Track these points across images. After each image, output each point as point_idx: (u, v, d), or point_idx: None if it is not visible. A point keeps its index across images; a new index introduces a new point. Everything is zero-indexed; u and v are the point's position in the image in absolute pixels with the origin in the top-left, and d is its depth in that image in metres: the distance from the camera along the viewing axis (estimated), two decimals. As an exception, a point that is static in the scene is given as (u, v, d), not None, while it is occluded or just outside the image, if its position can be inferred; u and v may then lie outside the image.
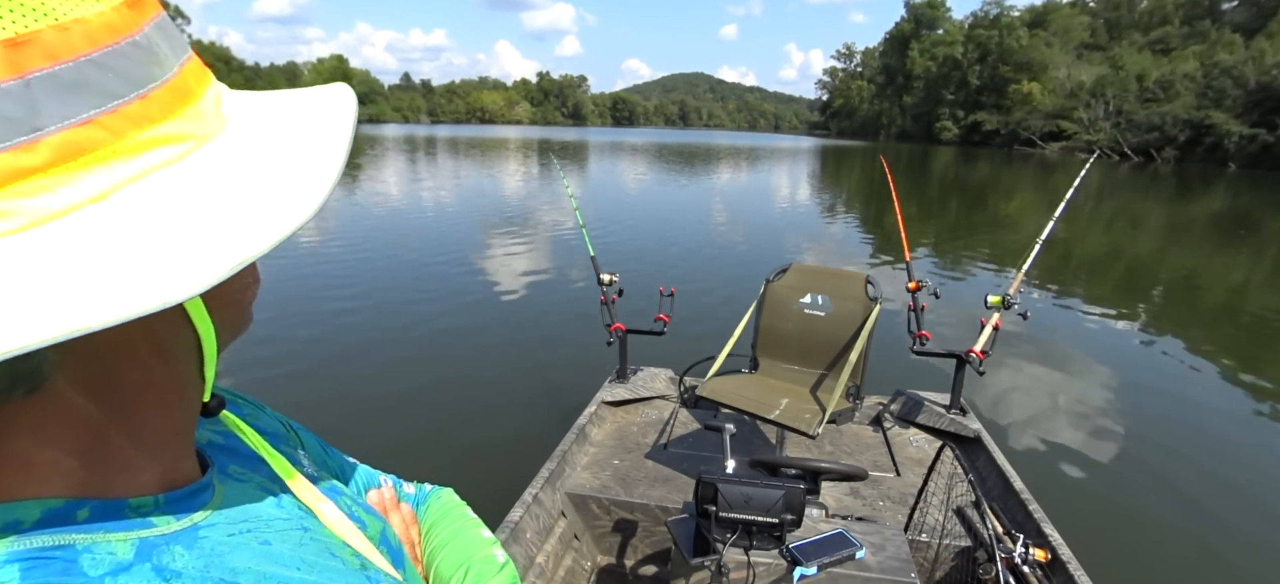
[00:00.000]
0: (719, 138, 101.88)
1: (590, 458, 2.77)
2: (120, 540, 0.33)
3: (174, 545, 0.34)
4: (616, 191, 18.63)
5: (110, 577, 0.31)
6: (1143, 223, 15.54)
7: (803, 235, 11.92)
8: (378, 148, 35.99)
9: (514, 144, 47.81)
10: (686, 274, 8.08)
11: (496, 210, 13.39)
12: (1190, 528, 3.35)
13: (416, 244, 9.70)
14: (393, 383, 4.70)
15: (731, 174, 25.89)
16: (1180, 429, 4.47)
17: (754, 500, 1.45)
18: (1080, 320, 7.06)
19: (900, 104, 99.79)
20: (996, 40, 75.56)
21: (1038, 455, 3.93)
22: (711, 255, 9.47)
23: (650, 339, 3.22)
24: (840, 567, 1.52)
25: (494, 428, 4.11)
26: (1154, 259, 11.07)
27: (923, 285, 3.00)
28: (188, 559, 0.34)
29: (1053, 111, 61.48)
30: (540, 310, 6.58)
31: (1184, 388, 5.29)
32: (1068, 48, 70.56)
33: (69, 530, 0.32)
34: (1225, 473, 3.87)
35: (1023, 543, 1.87)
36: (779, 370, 3.00)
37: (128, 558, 0.32)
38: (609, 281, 3.21)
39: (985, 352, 2.85)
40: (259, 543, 0.39)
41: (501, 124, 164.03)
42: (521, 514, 2.14)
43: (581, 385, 3.78)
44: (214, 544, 0.36)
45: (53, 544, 0.31)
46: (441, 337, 5.75)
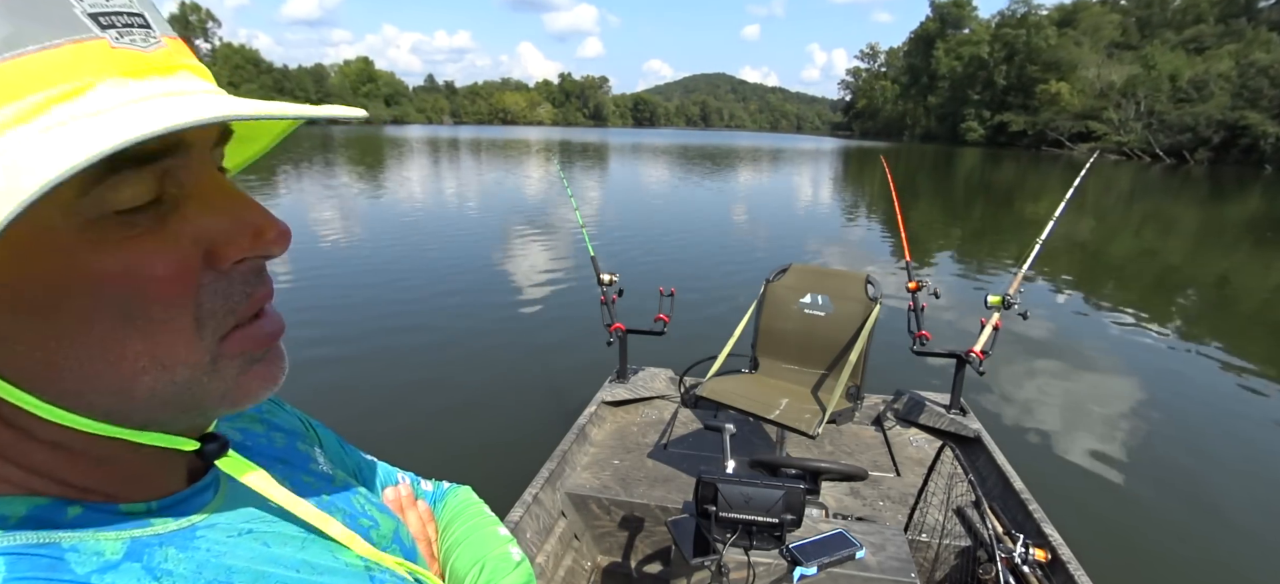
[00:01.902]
0: (740, 139, 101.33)
1: (590, 458, 2.78)
2: (110, 540, 0.32)
3: (167, 546, 0.34)
4: (629, 193, 18.62)
5: (97, 574, 0.30)
6: (1173, 225, 15.19)
7: (820, 237, 11.82)
8: (402, 149, 36.39)
9: (533, 145, 48.04)
10: (696, 275, 8.05)
11: (501, 210, 13.43)
12: (1190, 528, 3.34)
13: (418, 244, 9.71)
14: (392, 381, 4.73)
15: (750, 175, 25.74)
16: (1181, 429, 4.45)
17: (754, 500, 1.45)
18: (1087, 320, 6.99)
19: (925, 104, 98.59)
20: (1024, 39, 74.40)
21: (1038, 455, 3.90)
22: (726, 257, 9.45)
23: (650, 339, 3.22)
24: (840, 567, 1.52)
25: (494, 428, 4.12)
26: (1181, 261, 10.84)
27: (923, 285, 3.00)
28: (180, 560, 0.33)
29: (1082, 112, 60.36)
30: (540, 310, 6.59)
31: (1189, 388, 5.24)
32: (1098, 47, 69.22)
33: (55, 530, 0.31)
34: (1226, 473, 3.86)
35: (1023, 543, 1.86)
36: (779, 370, 2.99)
37: (116, 557, 0.31)
38: (609, 281, 3.22)
39: (985, 352, 2.85)
40: (260, 544, 0.38)
41: (523, 125, 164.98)
42: (521, 514, 2.15)
43: (581, 385, 3.79)
44: (211, 545, 0.35)
45: (38, 542, 0.30)
46: (441, 336, 5.75)
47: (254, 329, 0.35)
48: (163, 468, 0.37)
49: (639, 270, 7.92)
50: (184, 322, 0.31)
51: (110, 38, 0.28)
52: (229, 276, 0.33)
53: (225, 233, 0.32)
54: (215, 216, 0.32)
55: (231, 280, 0.33)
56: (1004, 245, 11.31)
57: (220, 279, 0.33)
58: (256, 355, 0.35)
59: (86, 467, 0.33)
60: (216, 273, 0.32)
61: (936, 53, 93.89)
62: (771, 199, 17.89)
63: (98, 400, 0.31)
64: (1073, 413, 4.58)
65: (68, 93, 0.26)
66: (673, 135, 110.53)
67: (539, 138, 68.58)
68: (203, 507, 0.37)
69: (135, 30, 0.29)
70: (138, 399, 0.32)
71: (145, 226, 0.30)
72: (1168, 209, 18.97)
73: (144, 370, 0.31)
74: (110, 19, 0.28)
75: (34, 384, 0.29)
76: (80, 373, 0.30)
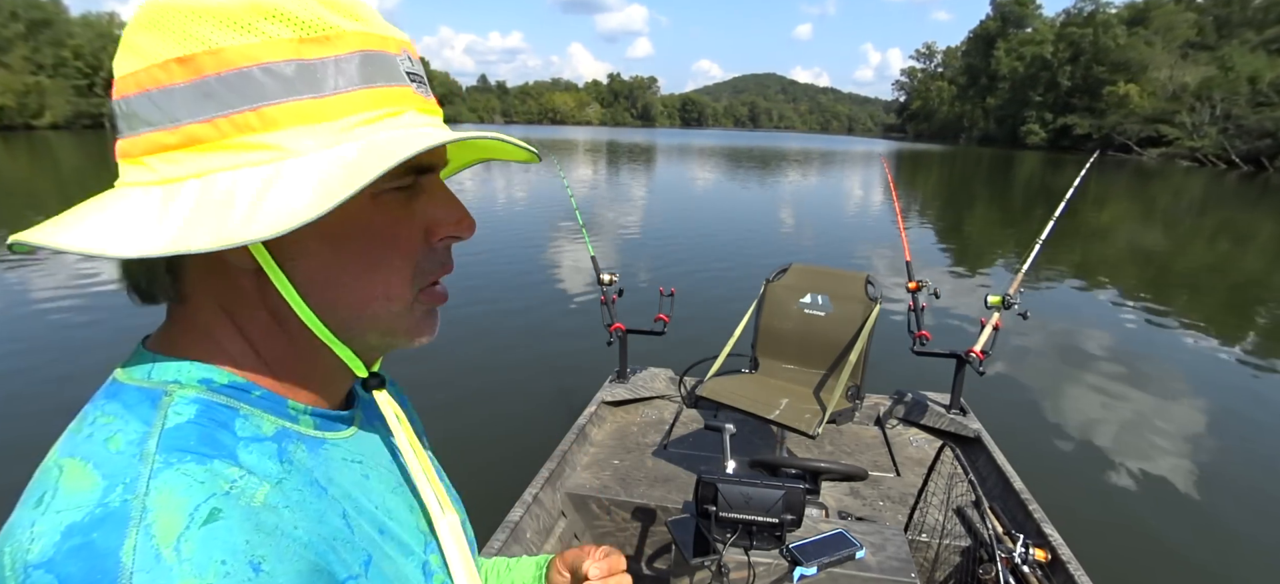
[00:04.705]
0: (788, 140, 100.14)
1: (590, 458, 2.79)
2: (269, 421, 0.44)
3: (300, 443, 0.45)
4: (667, 194, 18.57)
5: (249, 440, 0.42)
6: (1250, 237, 14.29)
7: (869, 241, 11.54)
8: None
9: (581, 145, 48.31)
10: (736, 278, 7.96)
11: (501, 210, 13.53)
12: (1191, 528, 3.34)
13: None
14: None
15: (796, 178, 25.33)
16: (1182, 429, 4.42)
17: (754, 500, 1.45)
18: (1087, 322, 6.93)
19: (983, 106, 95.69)
20: (1091, 39, 71.43)
21: (1038, 455, 3.87)
22: (754, 260, 9.31)
23: (650, 339, 3.23)
24: (840, 567, 1.52)
25: (494, 427, 4.13)
26: (1247, 270, 10.25)
27: (923, 285, 3.01)
28: (305, 456, 0.45)
29: (1152, 115, 57.46)
30: (540, 310, 6.63)
31: (1190, 389, 5.20)
32: (1171, 47, 65.83)
33: (240, 398, 0.44)
34: (1227, 474, 3.85)
35: (1023, 543, 1.86)
36: (779, 370, 2.99)
37: (267, 433, 0.43)
38: (609, 281, 3.23)
39: (985, 352, 2.84)
40: (361, 474, 0.49)
41: (572, 125, 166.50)
42: (521, 514, 2.15)
43: (581, 385, 3.82)
44: (328, 458, 0.47)
45: (225, 403, 0.43)
46: (440, 336, 5.75)
47: (438, 290, 0.50)
48: (334, 384, 0.50)
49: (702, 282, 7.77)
50: (408, 272, 0.46)
51: (414, 87, 0.45)
52: (434, 248, 0.48)
53: (440, 219, 0.47)
54: (436, 207, 0.47)
55: (436, 251, 0.48)
56: (1064, 253, 10.87)
57: (430, 249, 0.48)
58: (433, 309, 0.50)
59: (297, 361, 0.47)
60: (428, 245, 0.47)
61: (997, 52, 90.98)
62: (842, 205, 17.54)
63: (340, 313, 0.45)
64: (1072, 413, 4.59)
65: (393, 112, 0.43)
66: (719, 136, 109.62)
67: (586, 139, 68.97)
68: (337, 430, 0.50)
69: (423, 85, 0.46)
70: (365, 318, 0.46)
71: (402, 203, 0.45)
72: (1240, 218, 17.90)
73: (376, 297, 0.45)
74: (415, 77, 0.45)
75: (307, 290, 0.43)
76: (338, 290, 0.44)
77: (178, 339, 0.45)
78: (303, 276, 0.43)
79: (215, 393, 0.43)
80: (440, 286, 0.50)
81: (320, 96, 0.40)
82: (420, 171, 0.46)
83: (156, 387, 0.42)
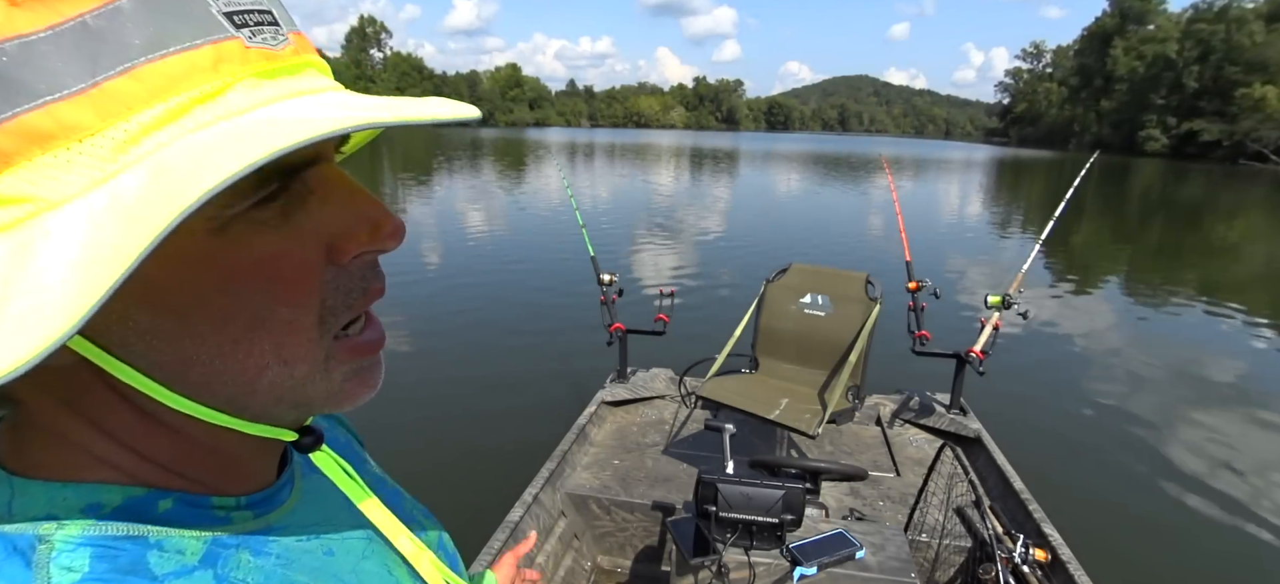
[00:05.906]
0: (879, 145, 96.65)
1: (590, 458, 2.82)
2: (192, 539, 0.32)
3: (242, 550, 0.34)
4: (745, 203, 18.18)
5: (174, 577, 0.30)
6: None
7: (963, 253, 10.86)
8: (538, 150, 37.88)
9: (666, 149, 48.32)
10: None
11: (502, 211, 13.56)
12: (1191, 528, 3.34)
13: (421, 244, 9.65)
14: (390, 381, 4.79)
15: (866, 187, 24.35)
16: (1182, 430, 4.40)
17: (754, 500, 1.47)
18: (1089, 321, 6.84)
19: (1096, 109, 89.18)
20: (1222, 36, 65.02)
21: (1038, 455, 3.81)
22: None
23: (650, 339, 3.25)
24: (840, 567, 1.53)
25: (494, 428, 4.13)
26: None
27: (923, 285, 3.01)
28: (252, 566, 0.34)
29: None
30: (540, 310, 6.60)
31: (1193, 390, 5.13)
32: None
33: (145, 523, 0.31)
34: (1227, 474, 3.83)
35: (1023, 543, 1.87)
36: (779, 370, 2.98)
37: (194, 561, 0.32)
38: (609, 281, 3.25)
39: (985, 352, 2.84)
40: (324, 552, 0.39)
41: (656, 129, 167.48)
42: (522, 514, 2.17)
43: (581, 385, 3.85)
44: (282, 550, 0.36)
45: (127, 535, 0.30)
46: (440, 336, 5.79)
47: (362, 338, 0.36)
48: (260, 458, 0.38)
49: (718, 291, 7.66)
50: (308, 320, 0.32)
51: (244, 37, 0.28)
52: (347, 270, 0.33)
53: (345, 228, 0.32)
54: (336, 211, 0.32)
55: (350, 274, 0.34)
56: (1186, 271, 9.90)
57: (340, 274, 0.33)
58: (362, 364, 0.36)
59: (196, 453, 0.34)
60: (337, 268, 0.33)
61: (1114, 51, 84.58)
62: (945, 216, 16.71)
63: (222, 392, 0.32)
64: (1073, 413, 4.59)
65: (208, 94, 0.26)
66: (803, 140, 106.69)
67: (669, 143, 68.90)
68: (280, 505, 0.39)
69: (266, 28, 0.29)
70: (258, 393, 0.32)
71: (272, 223, 0.30)
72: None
73: (267, 367, 0.32)
74: (243, 17, 0.28)
75: (165, 374, 0.30)
76: (210, 368, 0.31)
77: (31, 450, 0.32)
78: (154, 358, 0.30)
79: (108, 522, 0.30)
80: (368, 332, 0.36)
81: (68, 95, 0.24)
82: (293, 170, 0.30)
83: (24, 531, 0.29)
